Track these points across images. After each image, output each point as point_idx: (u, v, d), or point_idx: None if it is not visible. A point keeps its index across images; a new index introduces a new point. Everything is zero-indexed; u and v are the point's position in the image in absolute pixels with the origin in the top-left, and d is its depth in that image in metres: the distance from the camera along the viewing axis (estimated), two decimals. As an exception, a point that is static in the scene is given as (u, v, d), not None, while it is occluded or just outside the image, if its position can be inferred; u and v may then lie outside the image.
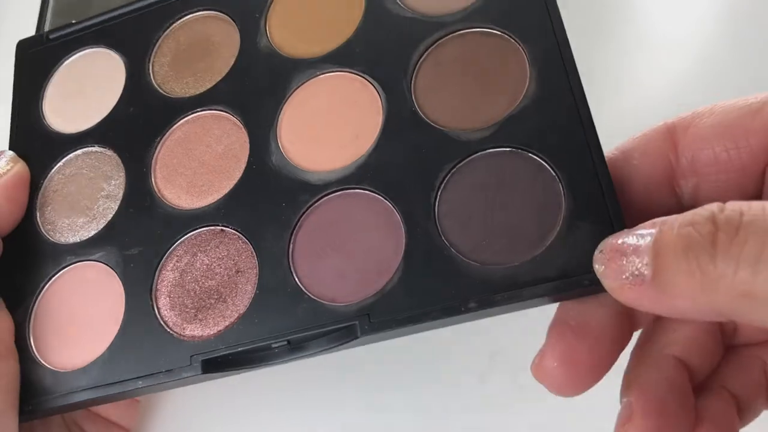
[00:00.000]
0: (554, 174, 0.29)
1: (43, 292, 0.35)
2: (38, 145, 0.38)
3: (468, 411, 0.37)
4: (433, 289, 0.29)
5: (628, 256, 0.22)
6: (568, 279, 0.27)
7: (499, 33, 0.32)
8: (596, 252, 0.24)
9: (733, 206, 0.20)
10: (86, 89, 0.39)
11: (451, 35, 0.33)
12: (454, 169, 0.30)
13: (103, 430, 0.37)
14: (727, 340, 0.28)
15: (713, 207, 0.21)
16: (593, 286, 0.26)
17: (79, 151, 0.38)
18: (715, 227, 0.20)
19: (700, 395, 0.26)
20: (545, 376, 0.26)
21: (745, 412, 0.26)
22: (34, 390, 0.33)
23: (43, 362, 0.33)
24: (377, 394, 0.38)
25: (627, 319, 0.27)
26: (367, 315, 0.29)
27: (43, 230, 0.36)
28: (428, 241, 0.29)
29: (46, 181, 0.37)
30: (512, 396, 0.36)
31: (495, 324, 0.30)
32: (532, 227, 0.28)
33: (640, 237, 0.22)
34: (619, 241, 0.23)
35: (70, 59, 0.40)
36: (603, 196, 0.28)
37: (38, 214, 0.37)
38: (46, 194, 0.37)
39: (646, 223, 0.23)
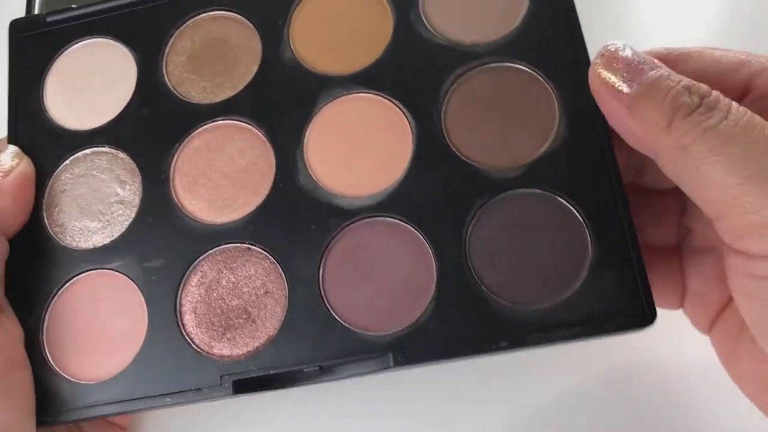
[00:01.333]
0: (582, 221, 0.31)
1: (56, 299, 0.34)
2: (41, 140, 0.37)
3: (468, 411, 0.38)
4: (465, 326, 0.30)
5: (628, 69, 0.27)
6: (593, 325, 0.29)
7: (530, 71, 0.33)
8: (606, 49, 0.28)
9: (724, 102, 0.25)
10: (92, 83, 0.38)
11: (481, 67, 0.34)
12: (485, 206, 0.32)
13: (102, 430, 0.38)
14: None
15: (711, 92, 0.26)
16: (616, 332, 0.29)
17: (87, 150, 0.36)
18: (701, 103, 0.25)
19: None
20: None
21: None
22: (51, 400, 0.33)
23: (61, 372, 0.33)
24: (377, 394, 0.39)
25: None
26: (400, 347, 0.30)
27: (52, 233, 0.35)
28: (460, 277, 0.31)
29: (52, 180, 0.36)
30: (512, 396, 0.38)
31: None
32: (560, 270, 0.30)
33: (649, 68, 0.27)
34: (630, 55, 0.28)
35: (72, 48, 0.38)
36: (628, 248, 0.30)
37: (45, 216, 0.36)
38: (53, 194, 0.36)
39: (655, 60, 0.28)
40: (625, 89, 0.27)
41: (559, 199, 0.31)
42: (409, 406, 0.38)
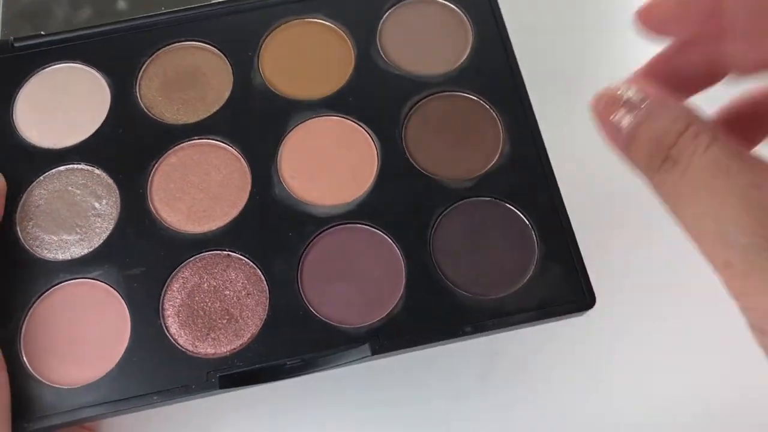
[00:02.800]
0: (528, 223, 0.36)
1: (33, 308, 0.35)
2: (13, 158, 0.38)
3: (468, 411, 0.40)
4: (433, 315, 0.34)
5: (625, 110, 0.24)
6: (545, 309, 0.34)
7: (476, 98, 0.39)
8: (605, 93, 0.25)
9: (688, 151, 0.23)
10: (63, 105, 0.39)
11: (436, 95, 0.39)
12: (445, 212, 0.36)
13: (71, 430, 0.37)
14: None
15: (677, 141, 0.23)
16: (565, 314, 0.34)
17: (62, 168, 0.38)
18: (668, 156, 0.23)
19: None
20: None
21: None
22: (33, 406, 0.33)
23: (41, 378, 0.33)
24: (377, 394, 0.41)
25: None
26: (376, 337, 0.34)
27: (27, 246, 0.36)
28: (426, 274, 0.35)
29: (25, 195, 0.37)
30: (512, 396, 0.40)
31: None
32: (513, 265, 0.35)
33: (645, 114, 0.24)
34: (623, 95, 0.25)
35: (43, 72, 0.40)
36: (568, 244, 0.35)
37: (19, 229, 0.36)
38: (27, 209, 0.37)
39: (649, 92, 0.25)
40: (623, 125, 0.24)
41: (508, 205, 0.36)
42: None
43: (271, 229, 0.36)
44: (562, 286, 0.35)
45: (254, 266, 0.35)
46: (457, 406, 0.40)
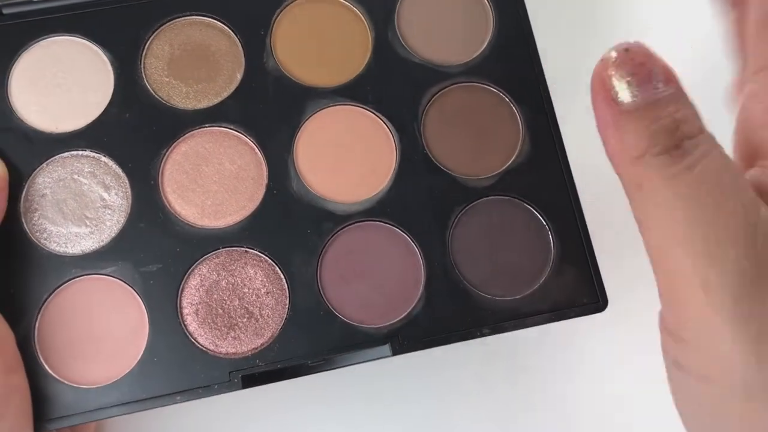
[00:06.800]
0: (545, 224, 0.36)
1: (45, 305, 0.34)
2: (13, 142, 0.36)
3: (468, 411, 0.41)
4: (452, 316, 0.35)
5: (635, 76, 0.23)
6: (559, 311, 0.35)
7: (496, 91, 0.38)
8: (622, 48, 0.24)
9: (702, 149, 0.23)
10: (64, 84, 0.37)
11: (455, 85, 0.38)
12: (464, 210, 0.36)
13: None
14: None
15: (699, 133, 0.23)
16: (579, 316, 0.35)
17: (66, 154, 0.36)
18: (680, 145, 0.23)
19: None
20: None
21: None
22: (54, 407, 0.33)
23: (59, 378, 0.33)
24: (377, 395, 0.42)
25: None
26: (397, 337, 0.34)
27: (34, 239, 0.35)
28: (445, 274, 0.35)
29: (28, 183, 0.35)
30: (512, 396, 0.41)
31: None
32: (529, 266, 0.36)
33: (660, 84, 0.23)
34: (646, 60, 0.23)
35: (38, 44, 0.37)
36: (584, 246, 0.36)
37: (24, 221, 0.35)
38: (31, 198, 0.35)
39: (674, 75, 0.24)
40: (621, 98, 0.23)
41: (526, 205, 0.37)
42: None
43: (289, 226, 0.36)
44: (576, 288, 0.35)
45: (273, 263, 0.35)
46: (457, 406, 0.41)
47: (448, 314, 0.35)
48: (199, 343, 0.34)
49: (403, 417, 0.41)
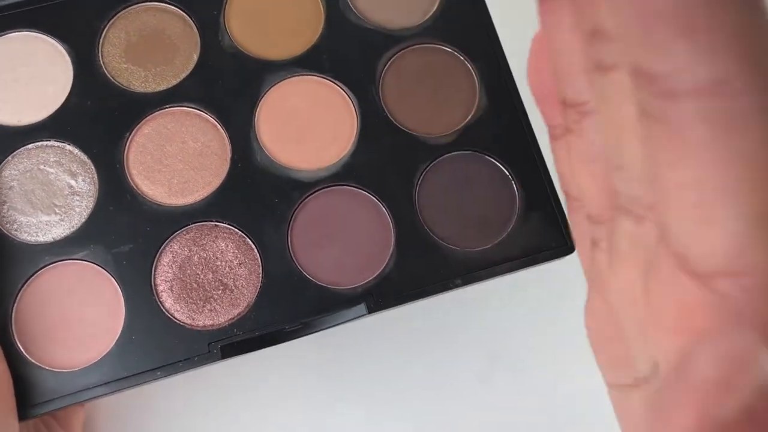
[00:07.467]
0: (509, 174, 0.37)
1: (21, 294, 0.34)
2: (-25, 138, 0.36)
3: (468, 411, 0.41)
4: (424, 270, 0.35)
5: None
6: (529, 257, 0.36)
7: (450, 50, 0.39)
8: None
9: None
10: (22, 78, 0.37)
11: (409, 48, 0.39)
12: (428, 168, 0.37)
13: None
14: None
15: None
16: (549, 260, 0.35)
17: (30, 146, 0.36)
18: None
19: None
20: None
21: None
22: (35, 392, 0.33)
23: (39, 364, 0.33)
24: (377, 395, 0.42)
25: None
26: (371, 295, 0.35)
27: (5, 230, 0.35)
28: (414, 230, 0.36)
29: (-6, 177, 0.36)
30: (512, 396, 0.41)
31: (495, 325, 0.35)
32: (496, 216, 0.36)
33: None
34: None
35: (-6, 42, 0.38)
36: (548, 192, 0.36)
37: (-7, 214, 0.35)
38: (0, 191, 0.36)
39: None
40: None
41: (488, 157, 0.37)
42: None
43: (257, 197, 0.36)
44: (544, 234, 0.36)
45: (243, 235, 0.36)
46: (458, 406, 0.41)
47: (421, 269, 0.35)
48: (176, 318, 0.34)
49: (395, 419, 0.41)
